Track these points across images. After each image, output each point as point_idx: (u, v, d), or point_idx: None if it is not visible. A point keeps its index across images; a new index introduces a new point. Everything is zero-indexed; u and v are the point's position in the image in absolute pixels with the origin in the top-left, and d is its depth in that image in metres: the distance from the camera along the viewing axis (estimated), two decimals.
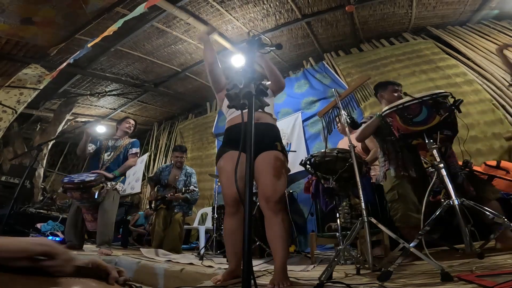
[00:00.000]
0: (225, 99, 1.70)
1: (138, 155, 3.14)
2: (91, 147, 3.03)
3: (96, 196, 2.69)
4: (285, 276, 1.31)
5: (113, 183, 2.87)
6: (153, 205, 3.70)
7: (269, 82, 1.70)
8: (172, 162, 3.94)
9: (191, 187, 3.60)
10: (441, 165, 1.47)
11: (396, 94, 2.19)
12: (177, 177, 3.73)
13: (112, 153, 2.99)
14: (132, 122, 3.36)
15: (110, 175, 2.84)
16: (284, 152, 1.54)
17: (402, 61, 4.26)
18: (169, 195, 3.50)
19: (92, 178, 2.66)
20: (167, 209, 3.55)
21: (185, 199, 3.54)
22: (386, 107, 1.68)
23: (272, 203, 1.38)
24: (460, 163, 2.01)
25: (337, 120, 3.15)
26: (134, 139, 3.23)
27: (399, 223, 1.88)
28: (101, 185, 2.72)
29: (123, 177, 3.00)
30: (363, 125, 2.05)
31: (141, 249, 3.30)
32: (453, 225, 1.41)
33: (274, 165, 1.43)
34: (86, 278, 0.49)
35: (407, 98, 1.56)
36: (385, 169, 2.04)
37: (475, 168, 2.29)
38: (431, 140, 1.52)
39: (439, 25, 4.43)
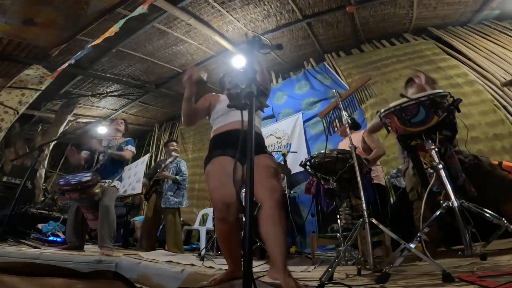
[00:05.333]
0: (217, 106, 1.70)
1: (133, 151, 3.16)
2: (86, 154, 3.07)
3: (100, 195, 2.73)
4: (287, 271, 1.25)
5: (110, 180, 2.89)
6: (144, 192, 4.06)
7: None
8: (167, 155, 4.27)
9: (178, 160, 3.97)
10: (440, 166, 1.46)
11: None
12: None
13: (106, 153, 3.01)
14: (120, 120, 3.34)
15: (101, 149, 2.95)
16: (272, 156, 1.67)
17: (403, 61, 4.25)
18: (158, 171, 3.86)
19: (89, 178, 2.66)
20: (159, 194, 3.82)
21: (174, 180, 3.77)
22: (383, 109, 1.66)
23: (274, 201, 1.37)
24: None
25: (335, 123, 3.14)
26: (128, 138, 3.24)
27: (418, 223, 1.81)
28: (99, 183, 2.74)
29: (119, 175, 3.03)
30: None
31: (139, 253, 3.30)
32: (454, 226, 1.40)
33: (270, 165, 1.48)
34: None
35: (403, 99, 1.55)
36: (405, 168, 2.03)
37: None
38: (430, 141, 1.51)
39: (440, 26, 4.42)
